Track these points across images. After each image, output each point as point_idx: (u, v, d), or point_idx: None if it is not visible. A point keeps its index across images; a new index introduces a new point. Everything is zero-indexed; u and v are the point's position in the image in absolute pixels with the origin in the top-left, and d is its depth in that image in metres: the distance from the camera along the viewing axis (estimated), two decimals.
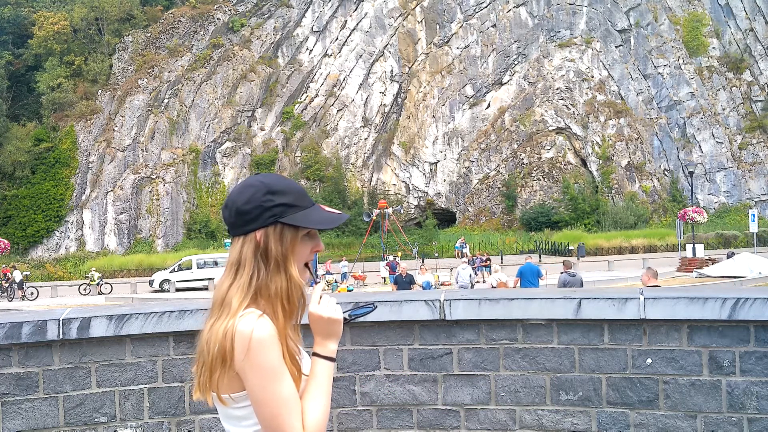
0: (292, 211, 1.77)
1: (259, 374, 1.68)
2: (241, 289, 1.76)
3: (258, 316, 1.72)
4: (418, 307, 3.99)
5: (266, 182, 1.79)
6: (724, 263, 29.52)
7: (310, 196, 1.84)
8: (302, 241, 1.79)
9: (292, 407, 1.70)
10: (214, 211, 57.46)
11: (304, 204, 1.79)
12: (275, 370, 1.69)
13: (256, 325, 1.69)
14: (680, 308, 3.72)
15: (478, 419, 3.97)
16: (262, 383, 1.68)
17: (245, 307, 1.74)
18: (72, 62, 57.36)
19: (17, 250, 49.68)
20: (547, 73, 62.87)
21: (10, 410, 3.86)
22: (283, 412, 1.69)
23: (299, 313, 1.84)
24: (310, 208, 1.80)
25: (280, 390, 1.69)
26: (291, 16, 63.98)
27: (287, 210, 1.76)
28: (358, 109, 64.18)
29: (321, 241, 1.84)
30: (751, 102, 60.86)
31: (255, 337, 1.68)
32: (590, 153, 61.30)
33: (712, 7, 62.33)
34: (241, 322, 1.70)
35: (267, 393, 1.69)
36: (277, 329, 1.74)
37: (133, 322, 3.94)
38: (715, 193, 59.48)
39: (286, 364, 1.73)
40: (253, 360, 1.68)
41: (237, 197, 1.79)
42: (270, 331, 1.70)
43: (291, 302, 1.78)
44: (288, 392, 1.70)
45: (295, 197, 1.78)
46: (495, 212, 60.93)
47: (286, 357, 1.74)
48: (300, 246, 1.79)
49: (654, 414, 3.79)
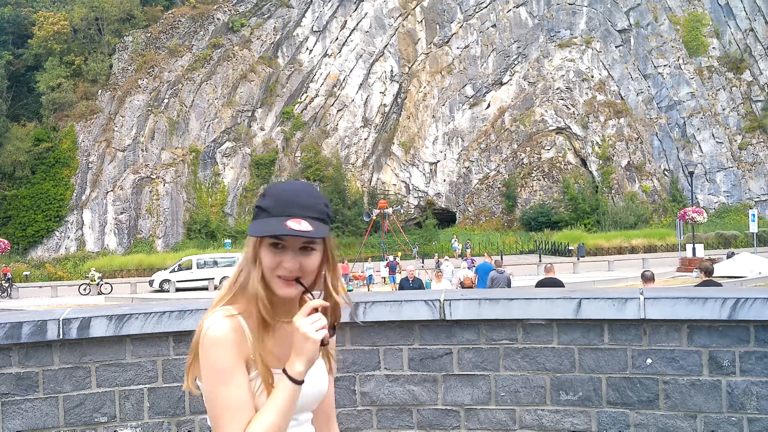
0: (262, 216, 1.73)
1: (207, 373, 1.71)
2: (228, 285, 1.81)
3: (224, 315, 1.73)
4: (418, 307, 3.99)
5: (271, 186, 1.81)
6: (724, 263, 29.51)
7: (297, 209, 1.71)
8: (266, 249, 1.72)
9: (234, 413, 1.68)
10: (214, 211, 57.50)
11: (276, 213, 1.70)
12: (223, 372, 1.69)
13: (213, 324, 1.71)
14: (680, 308, 3.72)
15: (478, 419, 3.97)
16: (209, 382, 1.70)
17: (225, 304, 1.77)
18: (72, 62, 57.36)
19: (17, 250, 49.69)
20: (547, 73, 62.88)
21: (10, 410, 3.86)
22: (224, 416, 1.68)
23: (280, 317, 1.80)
24: (277, 218, 1.70)
25: (225, 393, 1.68)
26: (291, 16, 63.99)
27: (259, 214, 1.75)
28: (358, 109, 64.18)
29: (295, 261, 1.71)
30: (751, 102, 60.87)
31: (208, 335, 1.70)
32: (590, 153, 61.31)
33: (712, 7, 62.33)
34: (208, 318, 1.74)
35: (212, 393, 1.70)
36: (251, 331, 1.73)
37: (133, 322, 3.94)
38: (715, 193, 59.49)
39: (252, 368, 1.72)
40: (205, 358, 1.70)
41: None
42: (225, 331, 1.70)
43: (261, 305, 1.74)
44: (233, 397, 1.68)
45: (275, 204, 1.72)
46: (495, 212, 60.94)
47: (258, 361, 1.72)
48: (263, 253, 1.73)
49: (654, 414, 3.79)
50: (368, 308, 4.00)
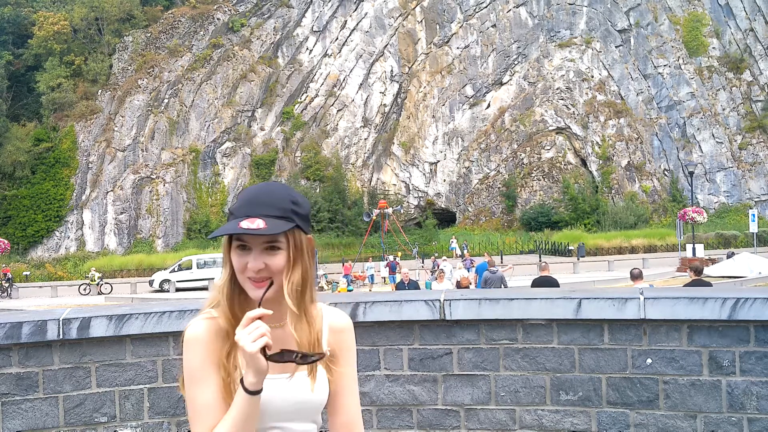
0: (229, 219, 1.76)
1: (184, 373, 1.77)
2: (213, 289, 1.86)
3: (203, 318, 1.79)
4: (418, 307, 3.99)
5: (241, 193, 1.83)
6: (724, 263, 29.53)
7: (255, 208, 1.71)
8: (234, 252, 1.74)
9: (200, 414, 1.72)
10: (214, 211, 57.48)
11: (238, 214, 1.72)
12: (192, 373, 1.75)
13: (190, 326, 1.79)
14: (680, 308, 3.72)
15: (478, 419, 3.97)
16: (186, 382, 1.76)
17: (211, 307, 1.82)
18: (72, 62, 57.34)
19: (17, 250, 49.69)
20: (547, 73, 62.88)
21: (10, 410, 3.86)
22: (193, 416, 1.74)
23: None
24: (236, 219, 1.71)
25: (194, 394, 1.74)
26: (291, 16, 63.99)
27: (228, 217, 1.78)
28: (358, 109, 64.18)
29: (258, 260, 1.71)
30: (751, 102, 60.86)
31: (185, 336, 1.79)
32: (590, 153, 61.31)
33: (712, 7, 62.32)
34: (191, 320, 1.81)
35: (186, 392, 1.77)
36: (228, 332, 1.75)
37: (133, 322, 3.94)
38: (715, 193, 59.49)
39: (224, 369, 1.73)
40: (183, 358, 1.78)
41: None
42: (198, 333, 1.76)
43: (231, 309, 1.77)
44: (200, 399, 1.73)
45: (239, 205, 1.74)
46: (495, 212, 60.95)
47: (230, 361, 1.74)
48: (233, 256, 1.75)
49: (654, 414, 3.79)
50: (368, 308, 4.00)
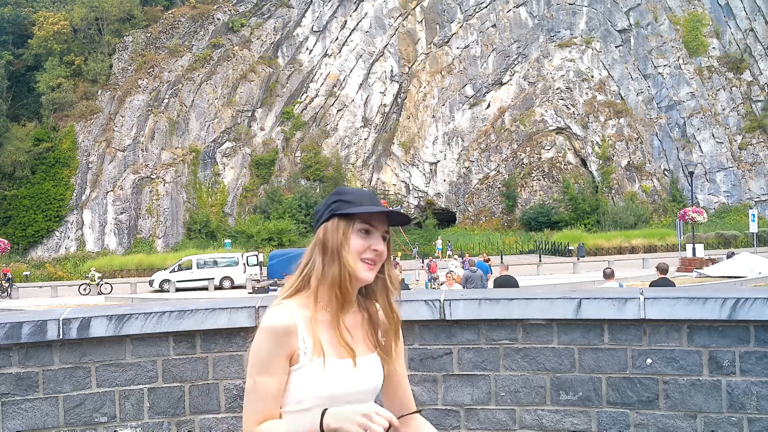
0: (347, 206, 1.88)
1: (250, 358, 1.83)
2: (294, 277, 1.93)
3: (281, 309, 1.86)
4: (418, 307, 3.99)
5: (339, 189, 1.97)
6: (724, 263, 29.50)
7: (379, 204, 1.92)
8: (357, 235, 1.87)
9: (258, 403, 1.79)
10: (214, 211, 57.48)
11: (364, 203, 1.88)
12: (259, 361, 1.80)
13: (267, 315, 1.85)
14: (680, 308, 3.72)
15: (478, 419, 3.97)
16: (250, 366, 1.82)
17: (291, 295, 1.90)
18: (72, 62, 57.35)
19: (17, 250, 49.69)
20: (547, 73, 62.88)
21: (10, 410, 3.86)
22: (249, 403, 1.81)
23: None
24: (368, 206, 1.88)
25: (255, 382, 1.80)
26: (291, 16, 63.99)
27: (342, 205, 1.89)
28: (358, 109, 64.18)
29: (381, 243, 1.88)
30: (751, 102, 60.85)
31: (261, 324, 1.84)
32: (590, 153, 61.30)
33: (712, 7, 62.30)
34: (268, 309, 1.88)
35: (248, 377, 1.83)
36: (330, 317, 1.85)
37: (133, 322, 3.94)
38: (715, 193, 59.48)
39: (296, 360, 1.81)
40: (253, 343, 1.83)
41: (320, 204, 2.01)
42: (274, 324, 1.82)
43: (343, 291, 1.86)
44: (261, 388, 1.79)
45: (356, 198, 1.90)
46: (495, 212, 60.94)
47: (317, 345, 1.82)
48: (354, 239, 1.87)
49: (654, 414, 3.79)
50: None
